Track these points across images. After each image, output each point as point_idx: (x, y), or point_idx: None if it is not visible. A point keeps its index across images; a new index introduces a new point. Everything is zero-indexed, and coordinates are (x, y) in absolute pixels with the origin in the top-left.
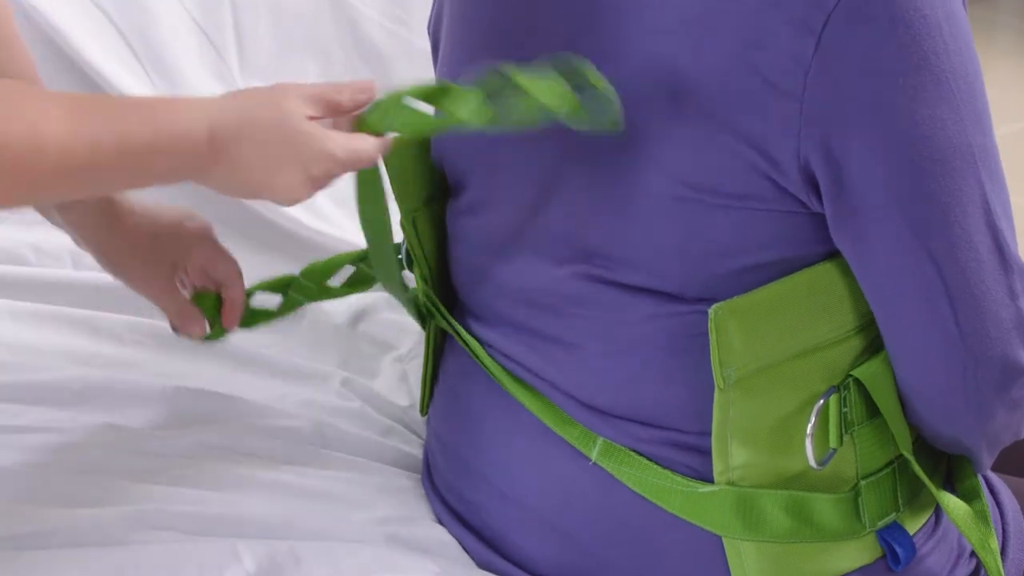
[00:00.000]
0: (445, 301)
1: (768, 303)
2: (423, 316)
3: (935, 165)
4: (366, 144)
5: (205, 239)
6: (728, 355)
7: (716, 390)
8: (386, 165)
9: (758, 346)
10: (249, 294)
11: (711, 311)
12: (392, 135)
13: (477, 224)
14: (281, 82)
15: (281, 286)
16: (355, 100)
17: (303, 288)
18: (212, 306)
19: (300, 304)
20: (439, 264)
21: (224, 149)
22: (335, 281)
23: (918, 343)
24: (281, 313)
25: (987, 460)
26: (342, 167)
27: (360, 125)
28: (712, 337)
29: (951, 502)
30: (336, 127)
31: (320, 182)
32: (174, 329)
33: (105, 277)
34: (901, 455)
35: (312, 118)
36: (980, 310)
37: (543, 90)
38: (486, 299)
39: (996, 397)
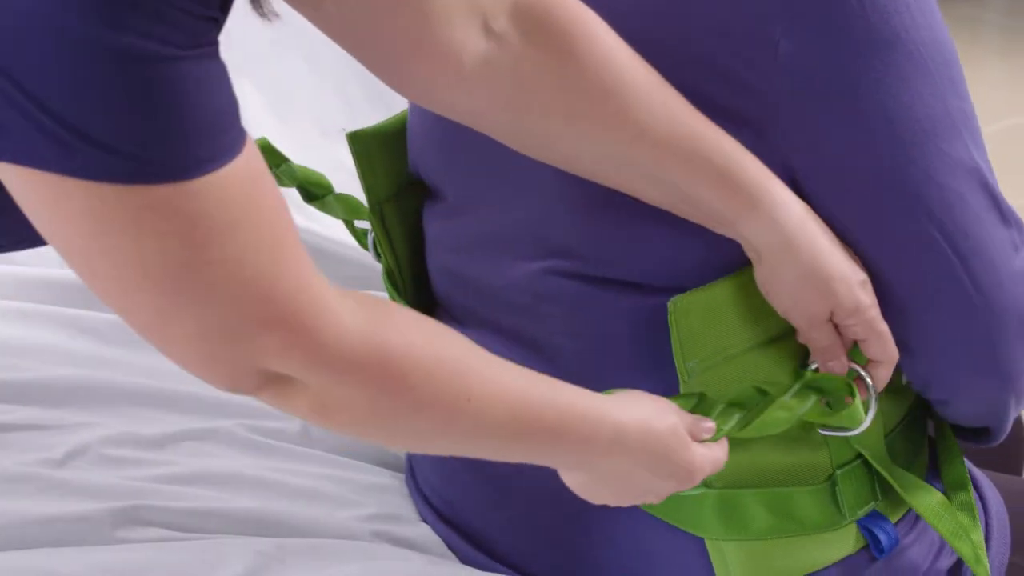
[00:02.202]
0: (420, 303)
1: (729, 293)
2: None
3: (919, 136)
4: (718, 455)
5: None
6: (691, 347)
7: (680, 383)
8: (353, 154)
9: (720, 337)
10: (287, 167)
11: (670, 304)
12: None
13: (453, 226)
14: (661, 400)
15: (320, 188)
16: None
17: (331, 205)
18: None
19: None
20: (413, 265)
21: (620, 453)
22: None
23: (939, 314)
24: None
25: (1010, 423)
26: (693, 483)
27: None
28: (673, 330)
29: (918, 493)
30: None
31: (667, 495)
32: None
33: None
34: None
35: None
36: (991, 264)
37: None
38: (465, 303)
39: (1020, 349)
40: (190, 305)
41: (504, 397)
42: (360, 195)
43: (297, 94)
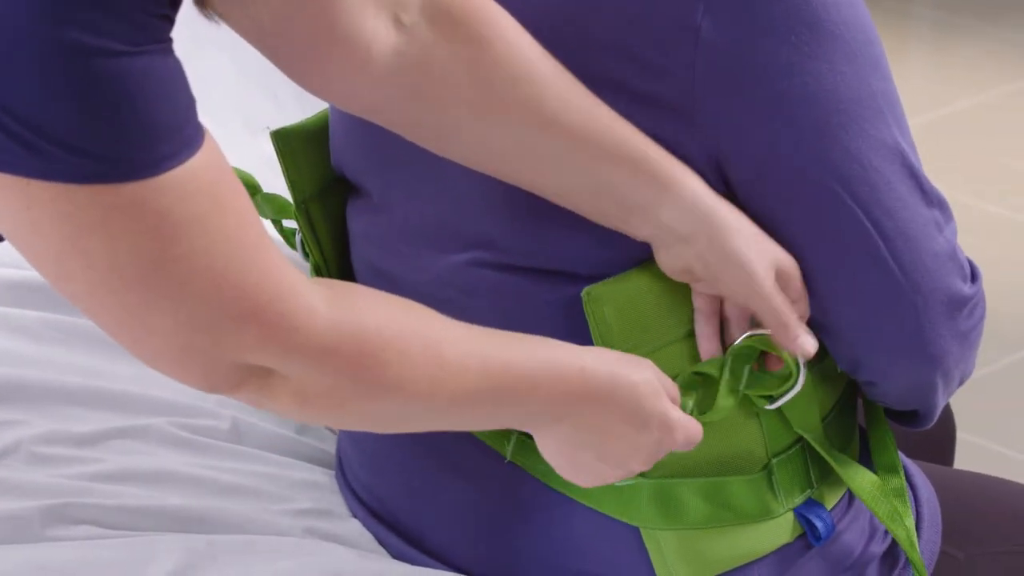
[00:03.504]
0: None
1: (646, 280)
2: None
3: (842, 116)
4: (697, 428)
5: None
6: (609, 337)
7: None
8: (277, 152)
9: (641, 327)
10: None
11: (584, 294)
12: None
13: (376, 222)
14: (639, 357)
15: (248, 187)
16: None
17: (259, 205)
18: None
19: None
20: (339, 263)
21: (592, 398)
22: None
23: (863, 297)
24: None
25: (940, 406)
26: (674, 447)
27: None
28: (590, 320)
29: (857, 475)
30: None
31: (653, 458)
32: None
33: (19, 273)
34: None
35: None
36: (915, 245)
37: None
38: None
39: (946, 330)
40: (163, 301)
41: (474, 354)
42: (286, 192)
43: (222, 91)
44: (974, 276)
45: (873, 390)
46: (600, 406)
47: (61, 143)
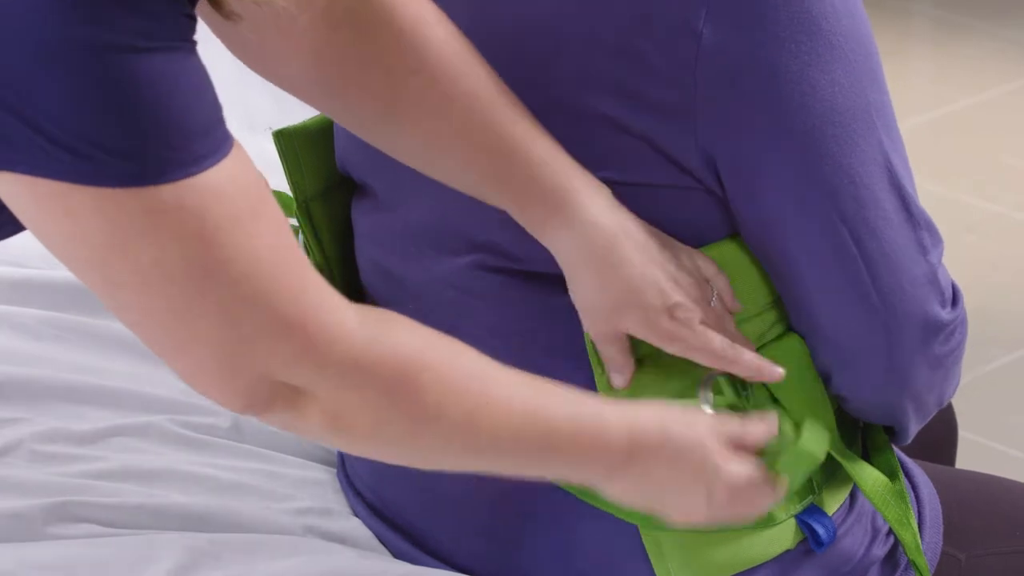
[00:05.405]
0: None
1: None
2: None
3: (836, 128)
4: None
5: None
6: None
7: (596, 378)
8: (279, 152)
9: None
10: None
11: None
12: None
13: (381, 222)
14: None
15: None
16: (758, 440)
17: None
18: None
19: None
20: (343, 262)
21: (640, 460)
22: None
23: (837, 311)
24: None
25: (914, 427)
26: (725, 496)
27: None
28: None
29: (869, 476)
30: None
31: (716, 513)
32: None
33: (17, 272)
34: None
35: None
36: (894, 267)
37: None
38: (393, 299)
39: (918, 355)
40: (208, 304)
41: (519, 396)
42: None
43: (223, 90)
44: (955, 301)
45: (845, 404)
46: (647, 465)
47: (99, 145)
